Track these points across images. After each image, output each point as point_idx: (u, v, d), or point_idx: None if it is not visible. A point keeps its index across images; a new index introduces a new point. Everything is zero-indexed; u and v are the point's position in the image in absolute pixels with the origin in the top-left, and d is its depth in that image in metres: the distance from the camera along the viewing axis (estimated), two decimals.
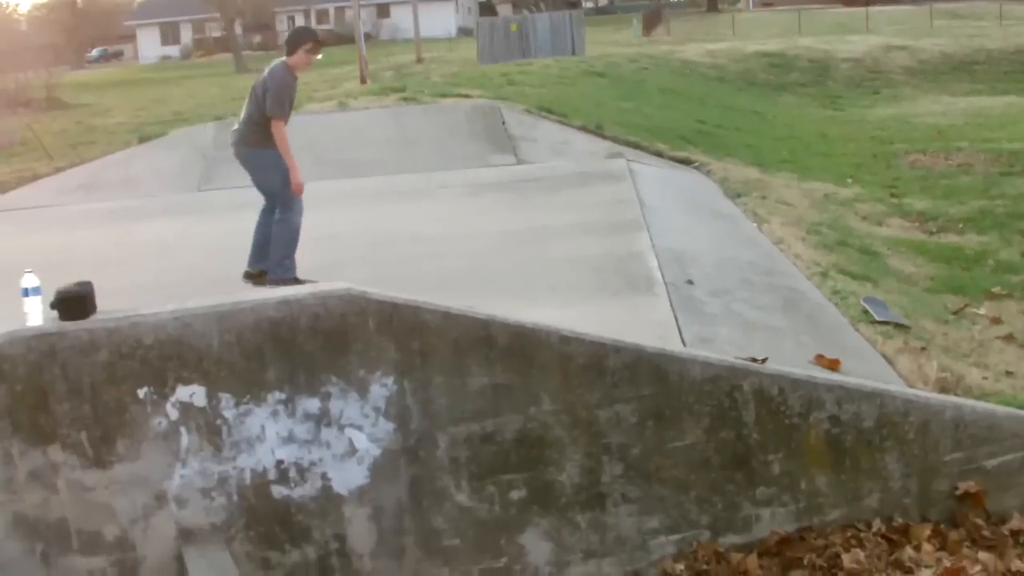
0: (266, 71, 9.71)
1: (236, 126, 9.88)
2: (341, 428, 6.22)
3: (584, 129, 19.44)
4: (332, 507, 6.30)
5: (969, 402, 7.54)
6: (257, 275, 9.76)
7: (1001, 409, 7.49)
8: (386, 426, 6.23)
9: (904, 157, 22.81)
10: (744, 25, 70.92)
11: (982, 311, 11.01)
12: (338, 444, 6.24)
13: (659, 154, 18.40)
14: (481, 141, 18.22)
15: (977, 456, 6.99)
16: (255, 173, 9.82)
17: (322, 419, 6.21)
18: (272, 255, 9.66)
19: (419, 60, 52.65)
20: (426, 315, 6.19)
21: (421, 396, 6.23)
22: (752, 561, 6.61)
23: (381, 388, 6.20)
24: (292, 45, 9.65)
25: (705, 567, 6.55)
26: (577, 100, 23.59)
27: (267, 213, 9.92)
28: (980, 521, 6.97)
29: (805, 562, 6.64)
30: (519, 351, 6.25)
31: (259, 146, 9.58)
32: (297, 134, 19.20)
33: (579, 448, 6.41)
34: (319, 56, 9.96)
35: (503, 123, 18.87)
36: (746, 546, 6.75)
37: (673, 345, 7.10)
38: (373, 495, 6.30)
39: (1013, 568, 6.63)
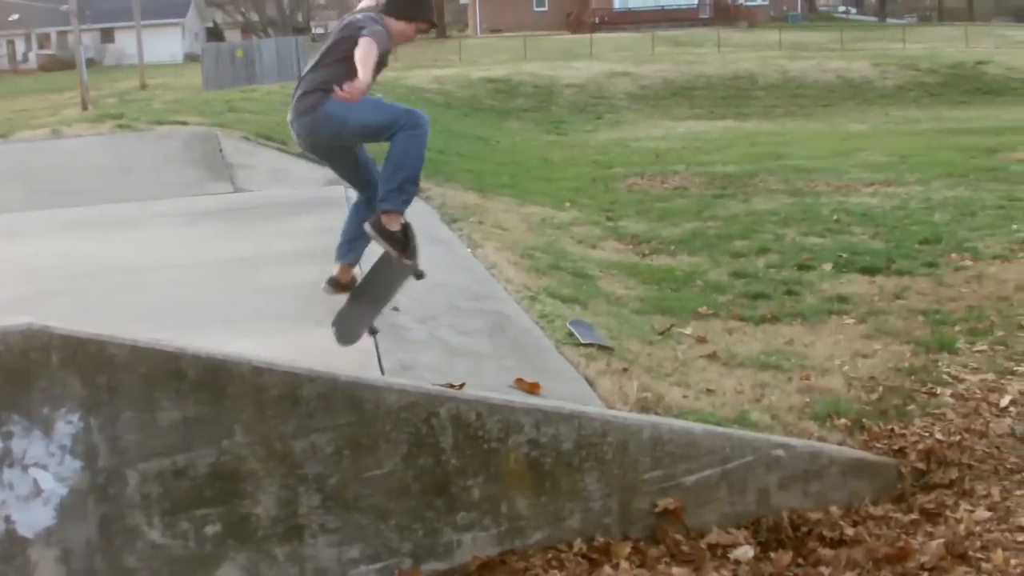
0: (357, 17, 7.72)
1: (290, 113, 7.80)
2: (25, 468, 5.98)
3: (303, 156, 19.34)
4: (17, 551, 6.04)
5: (667, 420, 7.71)
6: (344, 279, 8.25)
7: (698, 426, 7.68)
8: (73, 464, 6.02)
9: (623, 181, 23.41)
10: (471, 51, 71.83)
11: (688, 331, 11.30)
12: (22, 485, 5.99)
13: None
14: (199, 169, 18.00)
15: (676, 473, 7.13)
16: (342, 127, 7.67)
17: (4, 460, 5.95)
18: (389, 177, 7.68)
19: (143, 86, 51.87)
20: (113, 349, 6.01)
21: (109, 432, 6.04)
22: None
23: (67, 425, 5.99)
24: (407, 9, 7.80)
25: None
26: None
27: (366, 199, 8.11)
28: (680, 536, 7.11)
29: None
30: (210, 383, 6.13)
31: (322, 102, 7.48)
32: (7, 162, 18.70)
33: (275, 480, 6.31)
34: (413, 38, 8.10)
35: (220, 150, 18.68)
36: (449, 572, 6.74)
37: (371, 373, 7.09)
38: (61, 536, 6.07)
39: None
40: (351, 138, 7.90)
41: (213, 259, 11.51)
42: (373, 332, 8.02)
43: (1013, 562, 6.70)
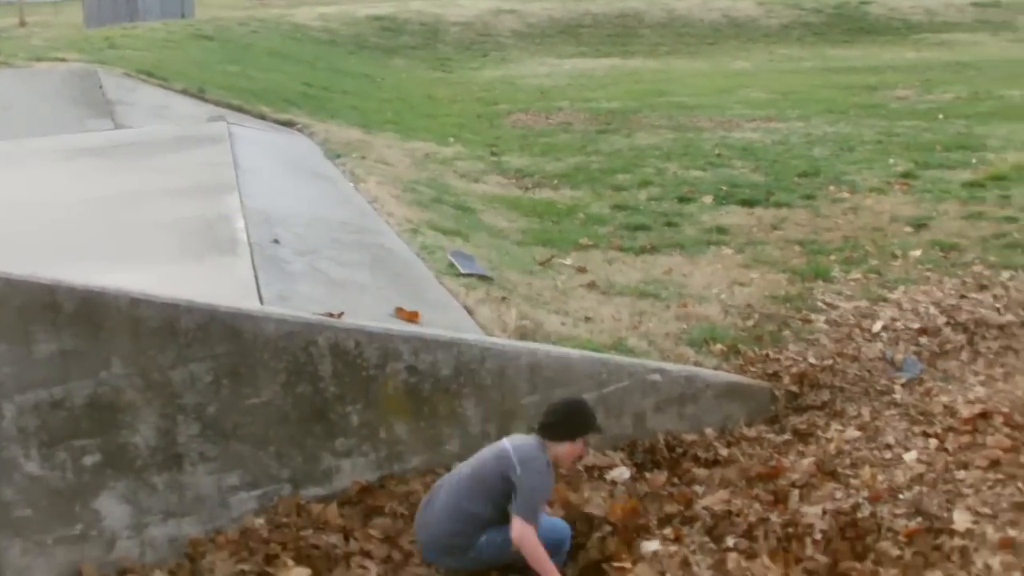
0: (510, 451, 6.38)
1: (424, 513, 6.51)
2: None
3: (186, 92, 19.19)
4: None
5: (545, 347, 7.85)
6: None
7: (575, 352, 7.83)
8: None
9: (507, 117, 23.41)
10: None
11: (568, 261, 11.45)
12: None
13: (262, 117, 18.35)
14: (79, 106, 17.70)
15: (553, 397, 7.24)
16: (481, 565, 6.45)
17: None
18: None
19: (22, 23, 50.69)
20: None
21: None
22: (332, 511, 6.70)
23: None
24: (569, 430, 6.47)
25: (286, 520, 6.60)
26: (181, 63, 23.22)
27: None
28: None
29: (386, 509, 6.80)
30: (87, 316, 6.11)
31: (469, 547, 6.35)
32: None
33: (153, 409, 6.33)
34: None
35: (100, 87, 18.41)
36: (329, 497, 6.84)
37: (251, 304, 7.10)
38: None
39: (585, 496, 6.98)
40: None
41: (93, 195, 11.36)
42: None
43: (880, 478, 6.94)
